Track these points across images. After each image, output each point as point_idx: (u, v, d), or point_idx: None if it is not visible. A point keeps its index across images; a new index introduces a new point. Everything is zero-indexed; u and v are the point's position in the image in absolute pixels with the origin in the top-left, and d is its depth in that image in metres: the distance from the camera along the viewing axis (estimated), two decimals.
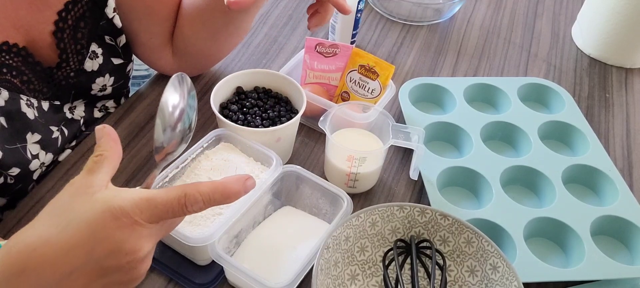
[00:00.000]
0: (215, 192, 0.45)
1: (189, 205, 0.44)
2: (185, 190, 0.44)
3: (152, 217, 0.43)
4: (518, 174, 0.78)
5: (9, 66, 0.66)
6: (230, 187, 0.46)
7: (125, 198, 0.43)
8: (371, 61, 0.81)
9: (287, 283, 0.57)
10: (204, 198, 0.45)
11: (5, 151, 0.66)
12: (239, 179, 0.46)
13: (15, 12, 0.67)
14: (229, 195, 0.46)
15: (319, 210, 0.70)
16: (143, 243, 0.43)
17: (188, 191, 0.44)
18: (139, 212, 0.43)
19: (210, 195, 0.45)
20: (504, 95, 0.90)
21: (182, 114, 0.50)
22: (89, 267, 0.43)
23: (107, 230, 0.42)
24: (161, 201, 0.43)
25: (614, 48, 1.02)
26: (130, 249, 0.43)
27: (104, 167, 0.46)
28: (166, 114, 0.49)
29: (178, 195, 0.44)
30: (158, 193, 0.44)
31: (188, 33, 0.81)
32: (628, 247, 0.73)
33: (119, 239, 0.42)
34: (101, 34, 0.75)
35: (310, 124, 0.84)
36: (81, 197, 0.44)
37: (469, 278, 0.64)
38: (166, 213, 0.44)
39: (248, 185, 0.47)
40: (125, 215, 0.42)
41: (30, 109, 0.69)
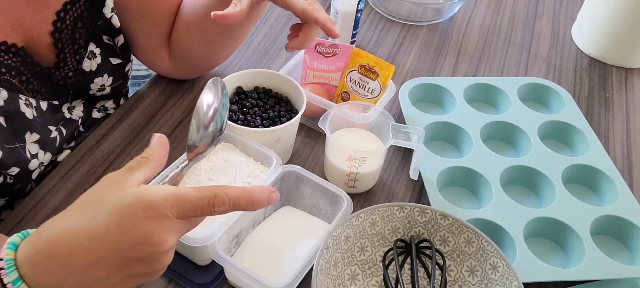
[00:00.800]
0: (241, 198, 0.47)
1: (217, 205, 0.46)
2: (215, 191, 0.45)
3: (180, 213, 0.45)
4: (518, 174, 0.78)
5: (8, 66, 0.66)
6: (255, 196, 0.47)
7: (156, 192, 0.44)
8: (371, 61, 0.81)
9: (287, 283, 0.57)
10: (231, 201, 0.46)
11: (5, 150, 0.66)
12: (265, 190, 0.48)
13: (14, 12, 0.67)
14: (253, 203, 0.47)
15: (319, 210, 0.70)
16: (168, 236, 0.45)
17: (218, 192, 0.45)
18: (170, 206, 0.44)
19: (236, 200, 0.46)
20: (504, 95, 0.90)
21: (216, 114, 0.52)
22: (115, 257, 0.44)
23: (135, 221, 0.43)
24: (192, 199, 0.45)
25: (614, 48, 1.02)
26: (155, 241, 0.44)
27: (144, 169, 0.47)
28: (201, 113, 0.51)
29: (208, 195, 0.45)
30: (189, 191, 0.45)
31: (184, 38, 0.82)
32: (628, 247, 0.73)
33: (146, 230, 0.43)
34: (99, 34, 0.75)
35: (310, 124, 0.84)
36: (113, 189, 0.45)
37: (469, 278, 0.64)
38: (194, 211, 0.45)
39: (272, 198, 0.49)
40: (154, 208, 0.43)
41: (29, 109, 0.69)
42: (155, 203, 0.44)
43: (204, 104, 0.51)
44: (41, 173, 0.74)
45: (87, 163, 0.76)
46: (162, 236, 0.44)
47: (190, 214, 0.45)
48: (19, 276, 0.44)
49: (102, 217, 0.43)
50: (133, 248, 0.43)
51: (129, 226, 0.43)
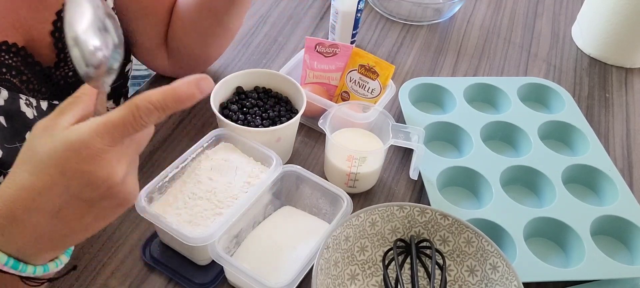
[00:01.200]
0: (166, 98, 0.43)
1: (144, 116, 0.43)
2: (136, 102, 0.43)
3: (112, 140, 0.43)
4: (518, 174, 0.78)
5: (9, 66, 0.66)
6: (181, 91, 0.44)
7: (81, 130, 0.43)
8: (371, 61, 0.81)
9: (287, 283, 0.57)
10: (157, 105, 0.43)
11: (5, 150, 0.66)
12: (191, 81, 0.44)
13: (15, 12, 0.67)
14: (181, 99, 0.44)
15: (319, 210, 0.70)
16: (113, 167, 0.43)
17: (138, 103, 0.43)
18: (99, 138, 0.42)
19: (162, 102, 0.43)
20: (504, 95, 0.90)
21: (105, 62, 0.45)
22: (74, 202, 0.43)
23: (73, 165, 0.42)
24: (116, 120, 0.43)
25: (614, 48, 1.02)
26: (102, 177, 0.43)
27: (74, 109, 0.45)
28: (87, 53, 0.44)
29: (130, 109, 0.43)
30: (111, 115, 0.43)
31: (179, 34, 0.82)
32: (628, 247, 0.73)
33: (87, 171, 0.42)
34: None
35: (310, 123, 0.84)
36: (44, 138, 0.44)
37: (469, 278, 0.64)
38: (124, 130, 0.43)
39: (203, 86, 0.44)
40: (86, 146, 0.42)
41: (29, 109, 0.69)
42: (85, 141, 0.42)
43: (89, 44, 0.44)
44: None
45: None
46: (106, 171, 0.43)
47: (123, 134, 0.43)
48: None
49: (43, 169, 0.43)
50: (84, 190, 0.43)
51: (70, 172, 0.42)
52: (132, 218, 0.70)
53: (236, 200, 0.64)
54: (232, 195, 0.65)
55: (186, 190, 0.65)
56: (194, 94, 0.44)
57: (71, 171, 0.42)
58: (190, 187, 0.65)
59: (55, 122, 0.44)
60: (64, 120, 0.44)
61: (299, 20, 1.06)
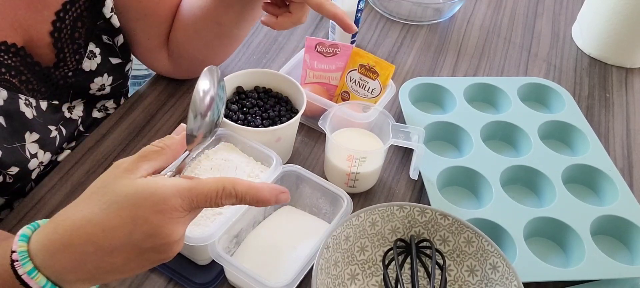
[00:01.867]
0: (248, 194, 0.47)
1: (224, 198, 0.46)
2: (224, 184, 0.46)
3: (190, 206, 0.45)
4: (518, 174, 0.78)
5: (8, 66, 0.66)
6: (262, 194, 0.47)
7: (167, 186, 0.45)
8: (371, 61, 0.81)
9: (287, 283, 0.57)
10: (238, 195, 0.46)
11: (4, 150, 0.66)
12: (274, 190, 0.48)
13: (14, 12, 0.67)
14: (259, 201, 0.47)
15: (319, 210, 0.70)
16: (178, 228, 0.46)
17: (226, 185, 0.46)
18: (180, 200, 0.45)
19: (243, 195, 0.47)
20: (504, 95, 0.90)
21: (212, 102, 0.51)
22: (129, 247, 0.45)
23: (146, 214, 0.44)
24: (201, 191, 0.45)
25: (614, 48, 1.02)
26: (166, 233, 0.45)
27: (157, 160, 0.48)
28: (198, 100, 0.50)
29: (217, 188, 0.46)
30: (198, 184, 0.46)
31: (182, 39, 0.82)
32: (628, 247, 0.73)
33: (157, 224, 0.44)
34: (99, 33, 0.75)
35: (310, 123, 0.84)
36: (125, 180, 0.45)
37: (469, 278, 0.64)
38: (203, 203, 0.46)
39: (281, 199, 0.49)
40: (165, 202, 0.44)
41: (28, 109, 0.69)
42: (166, 197, 0.44)
43: (200, 91, 0.50)
44: (41, 173, 0.74)
45: (86, 163, 0.76)
46: (172, 229, 0.45)
47: (200, 205, 0.46)
48: (34, 266, 0.45)
49: (115, 209, 0.44)
50: (145, 239, 0.44)
51: (140, 219, 0.44)
52: None
53: None
54: None
55: None
56: (271, 201, 0.48)
57: (142, 219, 0.44)
58: None
59: (136, 166, 0.46)
60: (145, 167, 0.47)
61: None
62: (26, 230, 0.46)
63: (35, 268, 0.45)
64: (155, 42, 0.83)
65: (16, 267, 0.44)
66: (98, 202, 0.45)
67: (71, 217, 0.45)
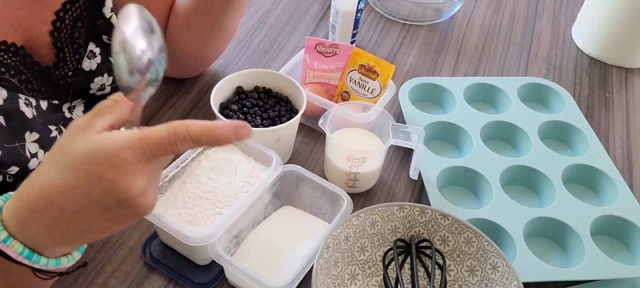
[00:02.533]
0: (203, 135, 0.44)
1: (179, 143, 0.44)
2: (175, 129, 0.44)
3: (142, 156, 0.44)
4: (518, 174, 0.78)
5: (7, 65, 0.66)
6: (219, 132, 0.44)
7: (116, 139, 0.43)
8: (371, 61, 0.81)
9: (287, 283, 0.57)
10: (193, 138, 0.44)
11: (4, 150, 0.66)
12: (231, 125, 0.45)
13: (14, 12, 0.67)
14: (217, 139, 0.44)
15: (319, 210, 0.70)
16: (136, 181, 0.44)
17: (178, 130, 0.44)
18: (131, 151, 0.43)
19: (198, 137, 0.44)
20: (504, 95, 0.90)
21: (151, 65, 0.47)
22: (93, 206, 0.44)
23: (100, 171, 0.43)
24: (152, 140, 0.43)
25: (614, 48, 1.02)
26: (123, 188, 0.43)
27: (112, 113, 0.46)
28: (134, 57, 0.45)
29: (169, 133, 0.44)
30: (149, 133, 0.44)
31: (175, 34, 0.82)
32: (628, 247, 0.73)
33: (112, 179, 0.43)
34: (99, 33, 0.75)
35: (310, 123, 0.84)
36: (77, 138, 0.44)
37: (469, 278, 0.64)
38: (157, 151, 0.44)
39: (241, 133, 0.45)
40: (115, 155, 0.43)
41: (28, 108, 0.69)
42: (116, 151, 0.43)
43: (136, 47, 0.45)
44: None
45: None
46: (129, 182, 0.44)
47: (154, 155, 0.44)
48: (8, 234, 0.45)
49: (71, 170, 0.44)
50: (106, 196, 0.44)
51: (95, 177, 0.43)
52: None
53: (236, 200, 0.64)
54: (232, 195, 0.65)
55: (186, 190, 0.65)
56: (231, 138, 0.45)
57: (96, 176, 0.43)
58: (190, 187, 0.65)
59: (90, 123, 0.45)
60: (98, 124, 0.45)
61: (299, 20, 1.06)
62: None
63: (9, 236, 0.45)
64: None
65: None
66: (55, 164, 0.44)
67: (33, 183, 0.45)
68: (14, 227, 0.45)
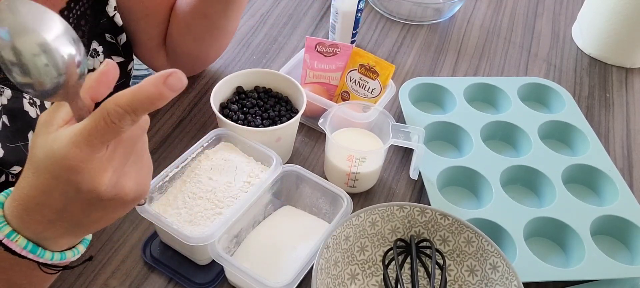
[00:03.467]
0: (134, 100, 0.40)
1: (117, 120, 0.41)
2: (106, 107, 0.41)
3: (92, 149, 0.41)
4: (518, 174, 0.78)
5: None
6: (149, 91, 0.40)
7: (63, 140, 0.42)
8: (371, 61, 0.81)
9: (287, 282, 0.57)
10: (126, 108, 0.40)
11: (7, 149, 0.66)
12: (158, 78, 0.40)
13: None
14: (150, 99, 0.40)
15: (319, 210, 0.70)
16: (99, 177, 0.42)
17: (108, 107, 0.41)
18: (77, 149, 0.41)
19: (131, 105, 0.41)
20: (504, 95, 0.90)
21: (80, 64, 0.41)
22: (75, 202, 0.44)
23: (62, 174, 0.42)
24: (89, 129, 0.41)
25: (614, 48, 1.02)
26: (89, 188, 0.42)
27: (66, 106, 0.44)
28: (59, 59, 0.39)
29: (101, 115, 0.41)
30: (84, 123, 0.41)
31: (175, 35, 0.82)
32: (628, 247, 0.73)
33: (74, 180, 0.42)
34: (102, 32, 0.76)
35: (310, 123, 0.84)
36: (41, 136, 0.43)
37: (469, 278, 0.64)
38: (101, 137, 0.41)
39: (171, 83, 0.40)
40: (66, 158, 0.41)
41: (33, 108, 0.69)
42: (64, 154, 0.41)
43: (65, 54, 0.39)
44: None
45: None
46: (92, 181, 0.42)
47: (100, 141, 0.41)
48: (12, 229, 0.45)
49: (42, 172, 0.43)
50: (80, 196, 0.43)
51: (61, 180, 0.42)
52: (132, 218, 0.70)
53: (236, 199, 0.64)
54: (232, 194, 0.65)
55: (186, 189, 0.65)
56: (163, 93, 0.40)
57: (62, 179, 0.42)
58: (190, 186, 0.65)
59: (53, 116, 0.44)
60: (60, 117, 0.43)
61: (299, 20, 1.06)
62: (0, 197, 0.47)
63: (13, 231, 0.45)
64: (155, 42, 0.83)
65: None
66: (30, 166, 0.44)
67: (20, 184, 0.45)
68: (16, 223, 0.46)
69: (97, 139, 0.41)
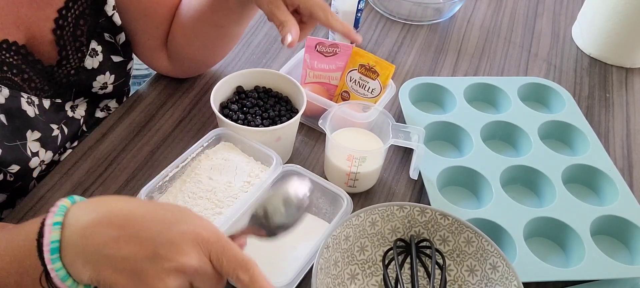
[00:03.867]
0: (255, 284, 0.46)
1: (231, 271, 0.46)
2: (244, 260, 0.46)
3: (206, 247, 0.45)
4: (518, 174, 0.78)
5: (10, 64, 0.67)
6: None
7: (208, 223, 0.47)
8: (371, 60, 0.81)
9: (287, 282, 0.57)
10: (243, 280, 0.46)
11: (5, 148, 0.66)
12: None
13: (16, 10, 0.67)
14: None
15: (319, 210, 0.70)
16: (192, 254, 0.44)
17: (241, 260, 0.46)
18: (216, 238, 0.46)
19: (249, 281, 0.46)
20: (504, 95, 0.90)
21: None
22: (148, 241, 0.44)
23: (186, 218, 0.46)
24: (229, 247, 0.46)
25: (614, 48, 1.02)
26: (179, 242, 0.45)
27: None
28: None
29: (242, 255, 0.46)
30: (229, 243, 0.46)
31: (181, 41, 0.82)
32: (628, 247, 0.73)
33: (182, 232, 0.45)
34: (101, 31, 0.76)
35: (310, 123, 0.84)
36: None
37: (469, 278, 0.64)
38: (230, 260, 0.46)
39: None
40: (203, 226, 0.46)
41: (30, 107, 0.69)
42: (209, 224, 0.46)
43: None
44: (43, 171, 0.74)
45: (87, 162, 0.76)
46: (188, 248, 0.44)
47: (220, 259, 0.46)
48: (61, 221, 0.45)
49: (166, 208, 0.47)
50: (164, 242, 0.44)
51: (178, 219, 0.45)
52: None
53: (236, 199, 0.64)
54: (232, 194, 0.65)
55: (186, 189, 0.65)
56: None
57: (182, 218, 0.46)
58: (190, 186, 0.65)
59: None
60: None
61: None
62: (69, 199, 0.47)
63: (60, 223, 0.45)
64: (155, 42, 0.83)
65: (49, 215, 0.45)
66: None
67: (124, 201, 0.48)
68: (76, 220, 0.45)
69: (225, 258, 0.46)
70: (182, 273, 0.44)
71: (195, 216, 0.47)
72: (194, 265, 0.44)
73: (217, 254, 0.45)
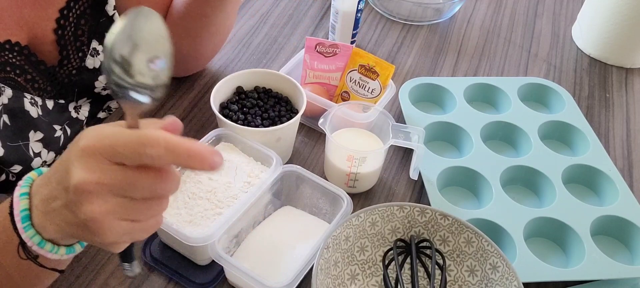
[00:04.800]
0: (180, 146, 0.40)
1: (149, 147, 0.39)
2: (151, 131, 0.40)
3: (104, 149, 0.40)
4: (518, 174, 0.78)
5: (13, 64, 0.67)
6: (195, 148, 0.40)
7: (93, 128, 0.41)
8: (371, 61, 0.81)
9: (287, 283, 0.57)
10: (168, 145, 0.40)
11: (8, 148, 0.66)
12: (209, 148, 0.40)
13: (19, 10, 0.67)
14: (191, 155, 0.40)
15: (319, 210, 0.70)
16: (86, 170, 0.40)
17: (152, 132, 0.40)
18: (95, 139, 0.40)
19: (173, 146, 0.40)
20: (504, 95, 0.90)
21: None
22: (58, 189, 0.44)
23: (67, 153, 0.43)
24: (121, 134, 0.40)
25: (614, 48, 1.02)
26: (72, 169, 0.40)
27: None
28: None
29: (141, 133, 0.40)
30: (121, 128, 0.40)
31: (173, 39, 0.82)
32: (628, 247, 0.73)
33: (66, 159, 0.42)
34: (102, 31, 0.76)
35: (310, 123, 0.84)
36: None
37: (469, 278, 0.64)
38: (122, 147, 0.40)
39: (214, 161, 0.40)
40: (80, 138, 0.41)
41: (33, 107, 0.69)
42: (83, 134, 0.40)
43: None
44: None
45: None
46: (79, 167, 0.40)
47: (118, 152, 0.39)
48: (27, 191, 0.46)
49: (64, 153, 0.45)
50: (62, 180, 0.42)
51: (63, 160, 0.43)
52: None
53: (236, 200, 0.64)
54: (232, 195, 0.65)
55: (186, 189, 0.65)
56: (206, 159, 0.40)
57: (63, 158, 0.43)
58: (190, 186, 0.65)
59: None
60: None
61: (299, 20, 1.06)
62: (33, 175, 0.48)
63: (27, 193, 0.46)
64: None
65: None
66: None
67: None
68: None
69: (119, 147, 0.39)
70: (83, 192, 0.40)
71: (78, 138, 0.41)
72: (85, 178, 0.39)
73: (112, 152, 0.39)
